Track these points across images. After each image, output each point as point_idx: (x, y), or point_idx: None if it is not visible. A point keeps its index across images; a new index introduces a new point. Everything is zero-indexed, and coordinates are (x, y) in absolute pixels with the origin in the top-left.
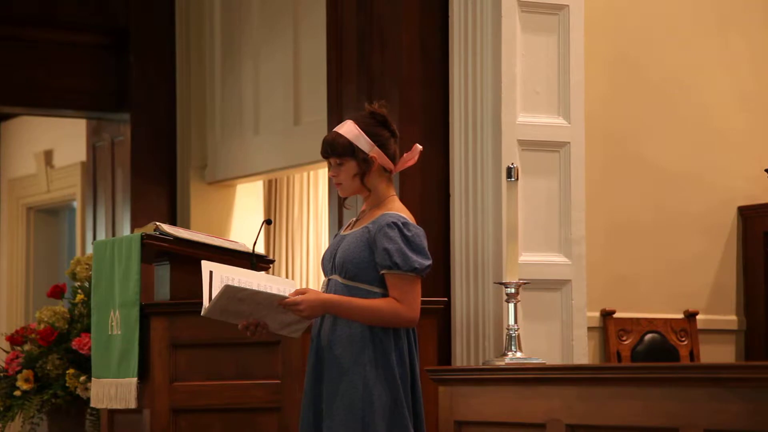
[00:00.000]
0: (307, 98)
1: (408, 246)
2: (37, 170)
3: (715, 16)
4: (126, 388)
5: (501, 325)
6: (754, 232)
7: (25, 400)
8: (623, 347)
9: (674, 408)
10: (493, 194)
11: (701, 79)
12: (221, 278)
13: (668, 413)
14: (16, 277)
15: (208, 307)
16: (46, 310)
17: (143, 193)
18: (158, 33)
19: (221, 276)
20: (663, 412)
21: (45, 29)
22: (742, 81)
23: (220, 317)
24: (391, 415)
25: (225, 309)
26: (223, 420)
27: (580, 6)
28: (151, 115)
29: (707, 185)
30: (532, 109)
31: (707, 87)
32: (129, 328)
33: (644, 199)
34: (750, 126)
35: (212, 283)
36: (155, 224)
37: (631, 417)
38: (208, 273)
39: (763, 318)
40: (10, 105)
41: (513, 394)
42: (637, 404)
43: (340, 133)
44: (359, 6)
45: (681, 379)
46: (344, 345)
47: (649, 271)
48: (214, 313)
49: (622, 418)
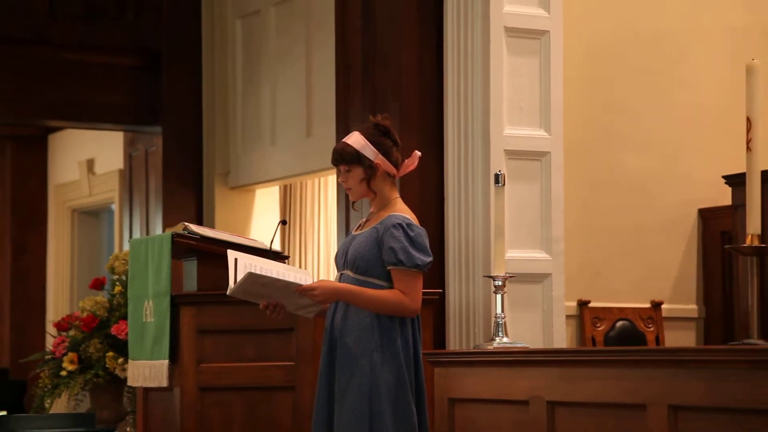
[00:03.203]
0: (317, 112)
1: (411, 245)
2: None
3: (677, 42)
4: (158, 369)
5: (489, 314)
6: (713, 232)
7: (70, 379)
8: (597, 333)
9: (642, 386)
10: (482, 198)
11: (665, 96)
12: (245, 265)
13: (637, 391)
14: (62, 271)
15: (233, 288)
16: (89, 300)
17: (173, 197)
18: (187, 56)
19: (245, 263)
20: (632, 390)
21: (87, 52)
22: (702, 97)
23: (243, 297)
24: (396, 395)
25: (247, 291)
26: (243, 397)
27: (560, 32)
28: (181, 128)
29: (672, 190)
30: (517, 122)
31: (670, 103)
32: (161, 316)
33: (616, 202)
34: (708, 137)
35: (237, 269)
36: (184, 224)
37: (604, 394)
38: (234, 260)
39: (720, 307)
40: (56, 119)
41: (500, 375)
42: (609, 383)
43: (348, 143)
44: (364, 31)
45: (648, 360)
46: (355, 333)
47: (620, 265)
48: (237, 293)
49: (596, 396)
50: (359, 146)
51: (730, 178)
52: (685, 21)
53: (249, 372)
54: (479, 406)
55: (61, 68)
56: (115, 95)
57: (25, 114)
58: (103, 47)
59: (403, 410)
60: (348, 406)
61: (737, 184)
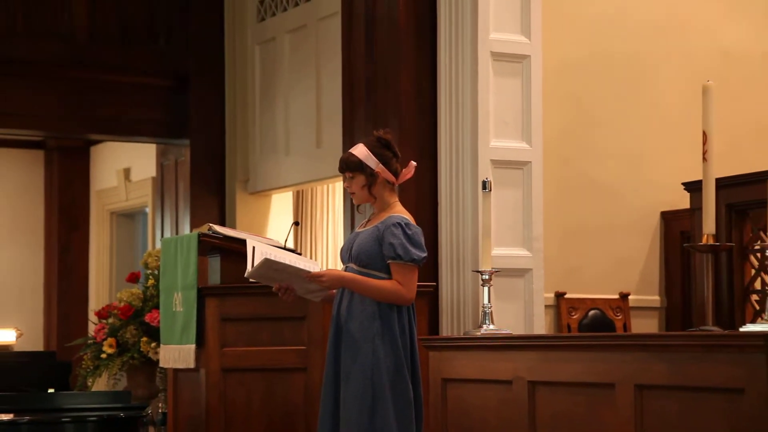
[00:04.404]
0: (326, 126)
1: (409, 242)
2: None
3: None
4: (186, 353)
5: (478, 304)
6: (673, 232)
7: (109, 361)
8: (572, 321)
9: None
10: (471, 202)
11: (632, 112)
12: (261, 252)
13: (607, 372)
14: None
15: (250, 272)
16: (125, 291)
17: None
18: (211, 77)
19: (261, 251)
20: (603, 371)
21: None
22: (664, 113)
23: (258, 279)
24: (394, 374)
25: (263, 275)
26: (261, 377)
27: (539, 56)
28: (206, 140)
29: (637, 195)
30: (502, 135)
31: (637, 118)
32: (189, 305)
33: (589, 206)
34: (670, 149)
35: (254, 256)
36: (209, 225)
37: (578, 375)
38: (252, 248)
39: (679, 298)
40: (97, 133)
41: (487, 358)
42: (582, 365)
43: (353, 154)
44: (367, 56)
45: (616, 345)
46: (358, 319)
47: (593, 261)
48: (254, 276)
49: (571, 376)
50: (363, 156)
51: (689, 185)
52: (651, 46)
53: (266, 355)
54: (469, 385)
55: (101, 88)
56: (149, 112)
57: (70, 128)
58: (138, 69)
59: (401, 388)
60: (352, 384)
61: (694, 190)
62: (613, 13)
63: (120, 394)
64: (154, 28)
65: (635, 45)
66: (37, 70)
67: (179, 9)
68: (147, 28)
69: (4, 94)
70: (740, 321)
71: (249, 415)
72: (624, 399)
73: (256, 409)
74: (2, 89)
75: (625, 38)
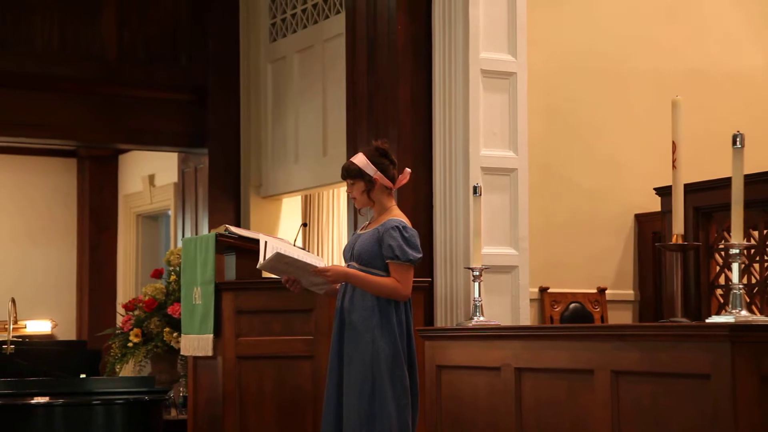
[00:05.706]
0: (332, 136)
1: (406, 243)
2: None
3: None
4: (205, 342)
5: (469, 298)
6: (646, 232)
7: (135, 349)
8: (555, 313)
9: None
10: (463, 205)
11: (608, 123)
12: (272, 247)
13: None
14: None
15: (262, 263)
16: (150, 286)
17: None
18: (228, 91)
19: (272, 245)
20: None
21: (149, 90)
22: (637, 125)
23: (269, 271)
24: (392, 362)
25: (273, 267)
26: (273, 365)
27: (524, 73)
28: (223, 149)
29: (613, 198)
30: (491, 145)
31: (612, 129)
32: (207, 299)
33: (569, 208)
34: (643, 157)
35: (266, 249)
36: (225, 226)
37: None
38: (264, 242)
39: (651, 292)
40: (125, 143)
41: (477, 346)
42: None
43: (353, 162)
44: (369, 71)
45: (595, 335)
46: (359, 313)
47: (573, 259)
48: (265, 267)
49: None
50: (362, 164)
51: (659, 190)
52: (625, 64)
53: (277, 344)
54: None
55: (129, 102)
56: (171, 124)
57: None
58: (162, 85)
59: (398, 374)
60: (354, 371)
61: (665, 194)
62: (592, 33)
63: (145, 379)
64: (176, 48)
65: (611, 64)
66: (71, 86)
67: (200, 31)
68: (170, 48)
69: (40, 107)
70: (706, 313)
71: (262, 398)
72: (602, 384)
73: (268, 393)
74: (39, 103)
75: (602, 57)
